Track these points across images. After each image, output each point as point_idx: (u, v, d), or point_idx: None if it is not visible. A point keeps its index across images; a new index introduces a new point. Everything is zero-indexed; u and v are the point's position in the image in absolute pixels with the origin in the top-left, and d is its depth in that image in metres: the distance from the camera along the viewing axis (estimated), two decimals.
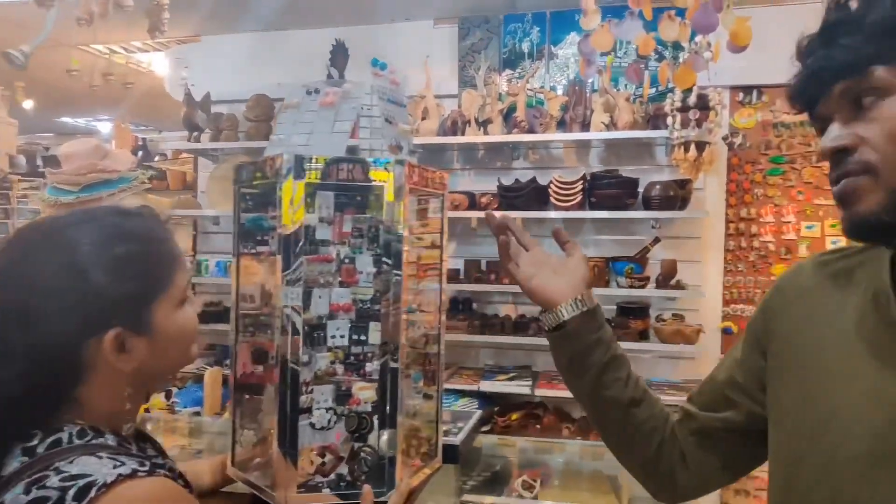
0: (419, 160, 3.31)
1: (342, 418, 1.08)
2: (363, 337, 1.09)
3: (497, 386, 3.33)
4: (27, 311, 0.75)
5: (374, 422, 1.08)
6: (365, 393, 1.09)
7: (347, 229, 1.09)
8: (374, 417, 1.08)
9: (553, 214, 3.30)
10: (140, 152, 5.14)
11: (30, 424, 0.76)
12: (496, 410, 3.34)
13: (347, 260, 1.09)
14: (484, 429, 2.92)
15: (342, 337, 1.08)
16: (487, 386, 3.31)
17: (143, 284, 0.81)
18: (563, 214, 3.28)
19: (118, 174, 2.18)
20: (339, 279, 1.08)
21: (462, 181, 3.67)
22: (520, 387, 3.29)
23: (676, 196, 3.16)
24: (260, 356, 1.17)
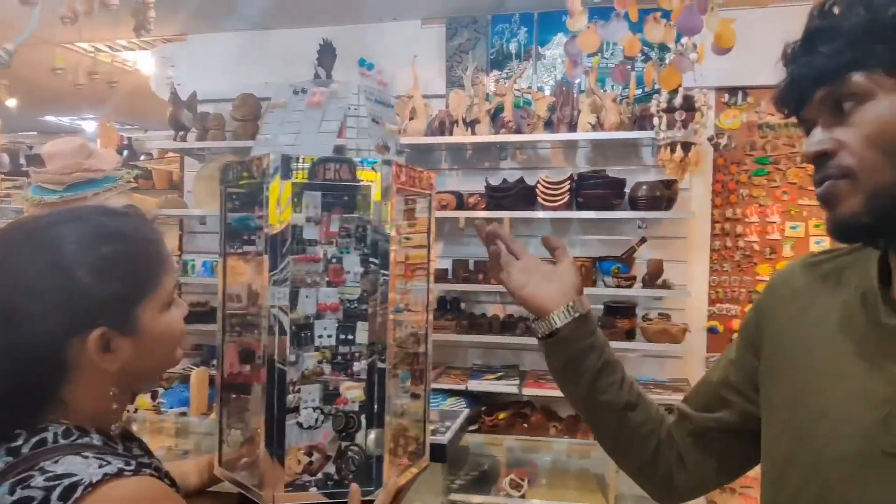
0: (407, 160, 3.31)
1: (329, 417, 1.08)
2: (350, 336, 1.09)
3: (485, 385, 3.34)
4: (10, 310, 0.75)
5: (362, 421, 1.08)
6: (352, 392, 1.09)
7: (335, 229, 1.09)
8: (362, 417, 1.08)
9: (540, 214, 3.31)
10: (125, 151, 5.09)
11: (14, 424, 0.75)
12: (484, 410, 3.35)
13: (335, 260, 1.09)
14: (471, 428, 2.93)
15: (329, 336, 1.08)
16: (475, 385, 3.32)
17: (130, 285, 0.81)
18: (551, 214, 3.29)
19: (103, 173, 2.16)
20: (327, 279, 1.09)
21: (450, 181, 3.67)
22: (507, 386, 3.31)
23: (662, 196, 3.18)
24: (247, 356, 1.17)
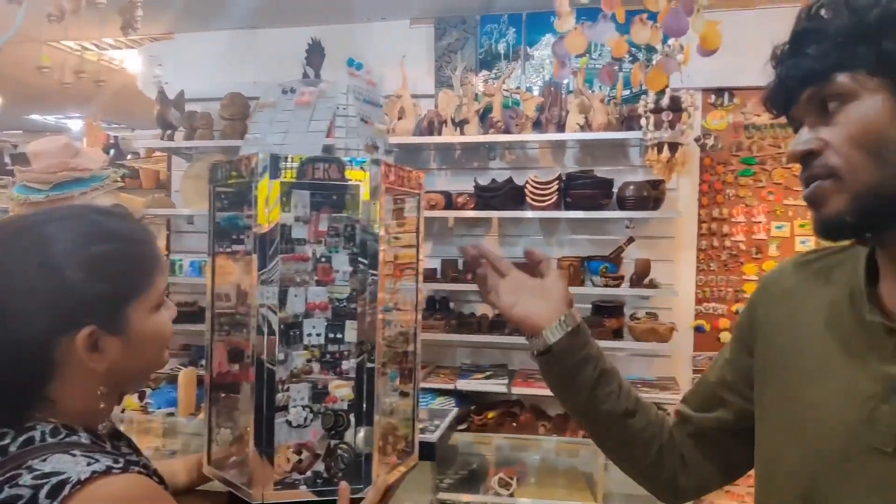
0: (395, 160, 3.30)
1: (319, 416, 1.08)
2: (339, 335, 1.09)
3: (474, 384, 3.34)
4: None
5: (351, 419, 1.09)
6: (341, 391, 1.09)
7: (323, 228, 1.10)
8: (351, 415, 1.09)
9: (529, 214, 3.33)
10: (112, 150, 5.05)
11: (1, 423, 0.75)
12: (473, 409, 3.35)
13: (323, 259, 1.09)
14: (460, 427, 2.93)
15: (318, 335, 1.09)
16: (464, 384, 3.33)
17: (121, 285, 0.81)
18: (539, 214, 3.31)
19: (90, 172, 2.15)
20: (316, 278, 1.09)
21: (439, 181, 3.68)
22: (496, 385, 3.32)
23: (650, 196, 3.20)
24: (236, 355, 1.17)
